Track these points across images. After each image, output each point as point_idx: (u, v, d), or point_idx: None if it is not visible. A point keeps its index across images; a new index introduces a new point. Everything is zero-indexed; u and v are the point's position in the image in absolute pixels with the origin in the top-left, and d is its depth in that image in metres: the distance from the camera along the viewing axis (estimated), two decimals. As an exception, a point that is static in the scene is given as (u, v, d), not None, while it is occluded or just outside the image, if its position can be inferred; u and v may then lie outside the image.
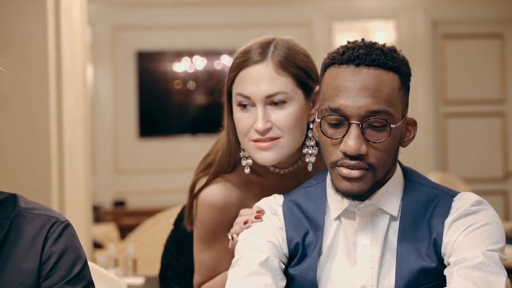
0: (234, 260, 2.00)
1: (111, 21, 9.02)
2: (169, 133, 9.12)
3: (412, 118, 2.00)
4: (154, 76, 9.11)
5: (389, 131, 1.87)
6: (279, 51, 2.15)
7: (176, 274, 2.52)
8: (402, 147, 1.99)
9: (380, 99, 1.87)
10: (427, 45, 9.03)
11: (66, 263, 1.84)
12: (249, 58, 2.15)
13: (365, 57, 1.89)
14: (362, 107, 1.86)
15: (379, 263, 1.94)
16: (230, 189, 2.26)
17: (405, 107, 1.95)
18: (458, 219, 1.92)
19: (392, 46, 1.96)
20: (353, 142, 1.86)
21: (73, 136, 4.23)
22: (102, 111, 9.02)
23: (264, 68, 2.13)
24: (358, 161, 1.88)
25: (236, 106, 2.17)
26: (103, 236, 6.58)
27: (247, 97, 2.13)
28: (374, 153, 1.88)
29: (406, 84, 1.95)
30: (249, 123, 2.14)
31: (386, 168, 1.93)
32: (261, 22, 9.07)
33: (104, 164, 9.04)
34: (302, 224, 2.01)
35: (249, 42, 2.22)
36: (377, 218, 1.97)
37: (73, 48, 4.27)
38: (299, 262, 1.99)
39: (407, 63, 1.97)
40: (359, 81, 1.88)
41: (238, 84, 2.16)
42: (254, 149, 2.15)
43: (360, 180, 1.89)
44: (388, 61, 1.90)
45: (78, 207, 4.37)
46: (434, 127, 9.02)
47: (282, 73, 2.12)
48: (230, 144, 2.25)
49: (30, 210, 1.89)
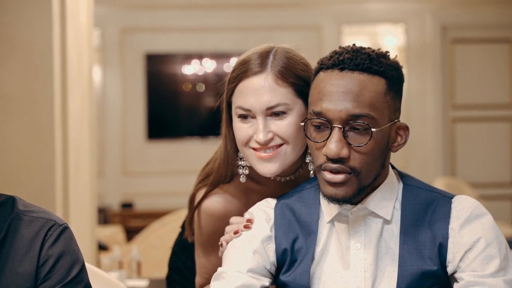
0: (217, 273, 2.02)
1: (120, 23, 9.04)
2: (178, 135, 9.13)
3: (404, 123, 1.99)
4: (163, 78, 9.12)
5: (371, 134, 1.87)
6: (278, 61, 2.13)
7: (183, 277, 2.52)
8: (392, 152, 1.99)
9: (362, 103, 1.87)
10: (436, 49, 9.02)
11: (63, 266, 1.84)
12: (248, 69, 2.13)
13: (349, 62, 1.90)
14: (343, 111, 1.87)
15: (373, 266, 1.94)
16: (229, 200, 2.26)
17: (395, 111, 1.95)
18: (464, 226, 1.93)
19: (382, 51, 1.96)
20: (333, 146, 1.87)
21: (79, 138, 4.24)
22: (111, 113, 9.04)
23: (264, 79, 2.11)
24: (339, 165, 1.89)
25: (236, 117, 2.16)
26: (109, 238, 6.59)
27: (248, 109, 2.12)
28: (357, 157, 1.89)
29: (395, 89, 1.95)
30: (249, 133, 2.13)
31: (373, 172, 1.93)
32: (270, 25, 9.08)
33: (112, 166, 9.05)
34: (293, 228, 2.02)
35: (248, 52, 2.20)
36: (370, 221, 1.98)
37: (80, 51, 4.29)
38: (289, 268, 2.00)
39: (398, 68, 1.97)
40: (341, 85, 1.89)
41: (238, 96, 2.14)
42: (256, 159, 2.14)
43: (343, 185, 1.90)
44: (373, 66, 1.90)
45: (83, 210, 4.38)
46: (443, 132, 9.01)
47: (282, 83, 2.11)
48: (227, 154, 2.24)
49: (28, 212, 1.89)
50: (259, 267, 1.99)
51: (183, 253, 2.50)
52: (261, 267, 2.00)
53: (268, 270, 2.01)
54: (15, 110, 3.67)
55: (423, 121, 9.02)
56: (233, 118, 2.18)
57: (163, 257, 5.30)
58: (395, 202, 2.00)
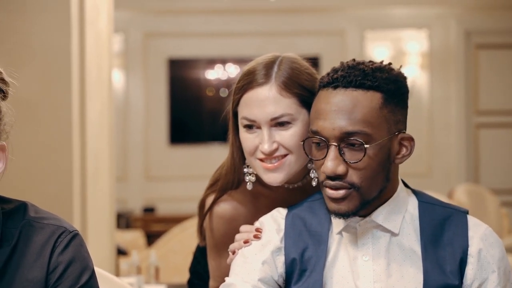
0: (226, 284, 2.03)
1: (143, 29, 9.08)
2: (200, 140, 9.16)
3: (408, 135, 1.99)
4: (186, 83, 9.15)
5: (365, 151, 1.88)
6: (283, 72, 2.15)
7: (203, 281, 2.53)
8: (397, 164, 1.99)
9: (355, 120, 1.88)
10: (460, 55, 8.98)
11: (73, 273, 1.84)
12: (253, 80, 2.15)
13: (342, 79, 1.92)
14: (337, 129, 1.89)
15: (381, 278, 1.95)
16: (238, 206, 2.29)
17: (396, 123, 1.95)
18: (481, 256, 1.97)
19: (381, 65, 1.97)
20: (329, 164, 1.89)
21: (98, 144, 4.26)
22: (134, 118, 9.08)
23: (268, 90, 2.13)
24: (338, 181, 1.91)
25: (242, 127, 2.18)
26: (130, 242, 6.61)
27: (253, 120, 2.14)
28: (355, 173, 1.90)
29: (394, 101, 1.94)
30: (255, 144, 2.16)
31: (376, 186, 1.94)
32: (293, 30, 9.08)
33: (135, 171, 9.09)
34: (303, 238, 2.03)
35: (253, 61, 2.22)
36: (378, 234, 1.99)
37: (99, 57, 4.31)
38: (300, 277, 2.00)
39: (397, 80, 1.96)
40: (334, 104, 1.91)
41: (244, 108, 2.16)
42: (262, 170, 2.17)
43: (345, 200, 1.92)
44: (366, 81, 1.91)
45: (101, 215, 4.40)
46: (466, 138, 8.97)
47: (286, 94, 2.12)
48: (234, 161, 2.27)
49: (39, 219, 1.90)
50: (267, 278, 2.01)
51: (203, 257, 2.51)
52: (269, 278, 2.01)
53: (276, 281, 2.02)
54: (33, 116, 3.70)
55: (446, 127, 8.99)
56: (239, 128, 2.21)
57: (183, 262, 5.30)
58: (405, 214, 2.00)
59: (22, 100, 3.57)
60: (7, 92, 1.87)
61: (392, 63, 2.01)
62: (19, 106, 1.87)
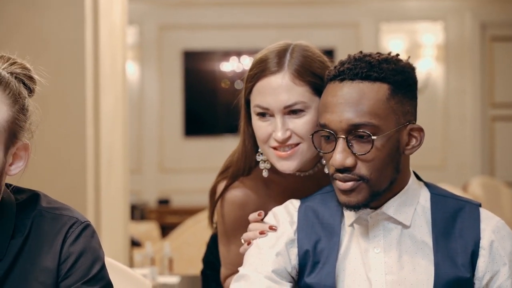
0: (239, 274, 2.04)
1: (158, 21, 9.09)
2: (215, 132, 9.17)
3: (418, 125, 1.99)
4: (201, 76, 9.16)
5: (372, 142, 1.88)
6: (295, 60, 2.16)
7: (215, 271, 2.55)
8: (407, 155, 1.99)
9: (361, 112, 1.89)
10: (475, 47, 8.95)
11: (84, 264, 1.85)
12: (266, 68, 2.16)
13: (348, 72, 1.93)
14: (344, 121, 1.90)
15: (392, 270, 1.96)
16: (248, 195, 2.30)
17: (405, 115, 1.94)
18: (492, 249, 1.97)
19: (387, 56, 1.97)
20: (338, 156, 1.90)
21: (112, 136, 4.27)
22: (148, 110, 9.10)
23: (281, 78, 2.14)
24: (346, 174, 1.92)
25: (255, 115, 2.19)
26: (144, 234, 6.63)
27: (266, 108, 2.15)
28: (364, 165, 1.91)
29: (402, 92, 1.94)
30: (268, 132, 2.17)
31: (386, 177, 1.94)
32: (308, 22, 9.07)
33: (150, 163, 9.11)
34: (315, 231, 2.04)
35: (265, 50, 2.23)
36: (389, 226, 2.00)
37: (113, 49, 4.32)
38: (313, 269, 2.01)
39: (405, 71, 1.96)
40: (341, 96, 1.91)
41: (256, 95, 2.17)
42: (275, 157, 2.18)
43: (353, 192, 1.92)
44: (372, 73, 1.91)
45: (115, 207, 4.42)
46: (481, 130, 8.94)
47: (299, 82, 2.13)
48: (245, 149, 2.29)
49: (51, 209, 1.90)
50: (281, 269, 2.02)
51: (216, 247, 2.52)
52: (283, 270, 2.02)
53: (289, 273, 2.03)
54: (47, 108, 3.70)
55: (461, 119, 8.96)
56: (252, 116, 2.21)
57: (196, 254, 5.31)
58: (416, 206, 2.00)
59: (35, 92, 3.59)
60: (33, 90, 1.88)
61: (399, 54, 2.01)
62: (32, 99, 1.88)
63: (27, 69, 1.87)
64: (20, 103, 1.82)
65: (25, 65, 1.87)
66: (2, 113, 1.76)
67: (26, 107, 1.84)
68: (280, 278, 2.01)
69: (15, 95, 1.80)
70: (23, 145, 1.85)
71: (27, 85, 1.86)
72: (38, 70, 1.91)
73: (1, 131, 1.76)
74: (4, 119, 1.77)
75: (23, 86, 1.85)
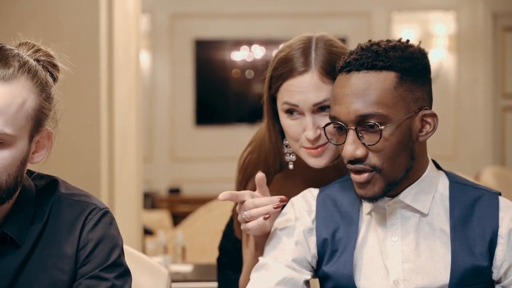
0: (259, 264, 2.04)
1: (170, 9, 9.08)
2: (226, 121, 9.16)
3: (430, 111, 1.97)
4: (212, 65, 9.15)
5: (380, 132, 1.88)
6: (321, 57, 2.16)
7: (231, 259, 2.56)
8: (421, 141, 1.97)
9: (368, 102, 1.89)
10: (487, 37, 8.92)
11: (102, 251, 1.85)
12: (293, 68, 2.17)
13: (354, 62, 1.93)
14: (351, 112, 1.90)
15: (410, 259, 1.95)
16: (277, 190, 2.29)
17: (416, 101, 1.93)
18: (511, 238, 1.97)
19: (394, 44, 1.96)
20: (348, 148, 1.92)
21: (125, 124, 4.28)
22: (160, 99, 9.10)
23: (310, 78, 2.15)
24: (358, 165, 1.92)
25: (283, 113, 2.20)
26: (156, 223, 6.64)
27: (295, 105, 2.16)
28: (375, 155, 1.91)
29: (411, 79, 1.92)
30: (299, 131, 2.18)
31: (400, 166, 1.94)
32: (319, 11, 9.05)
33: (161, 152, 9.11)
34: (334, 219, 2.04)
35: (286, 47, 2.23)
36: (407, 215, 1.99)
37: (127, 37, 4.32)
38: (331, 258, 2.02)
39: (412, 57, 1.93)
40: (348, 88, 1.92)
41: (284, 94, 2.18)
42: (306, 154, 2.20)
43: (369, 184, 1.93)
44: (378, 62, 1.91)
45: (128, 194, 4.43)
46: (493, 121, 8.92)
47: (327, 80, 2.14)
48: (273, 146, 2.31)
49: (70, 196, 1.90)
50: (301, 258, 2.02)
51: (232, 235, 2.52)
52: (302, 259, 2.02)
53: (309, 262, 2.04)
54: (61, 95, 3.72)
55: (473, 109, 8.94)
56: (280, 114, 2.22)
57: (209, 242, 5.33)
58: (435, 194, 2.00)
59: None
60: (57, 77, 1.88)
61: (409, 40, 1.99)
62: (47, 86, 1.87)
63: (51, 57, 1.87)
64: (47, 91, 1.82)
65: (49, 53, 1.87)
66: (30, 102, 1.76)
67: (51, 96, 1.84)
68: (300, 267, 2.02)
69: (43, 84, 1.81)
70: (47, 133, 1.85)
71: (51, 72, 1.86)
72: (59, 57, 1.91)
73: (28, 119, 1.76)
74: (32, 107, 1.77)
75: (49, 74, 1.85)
